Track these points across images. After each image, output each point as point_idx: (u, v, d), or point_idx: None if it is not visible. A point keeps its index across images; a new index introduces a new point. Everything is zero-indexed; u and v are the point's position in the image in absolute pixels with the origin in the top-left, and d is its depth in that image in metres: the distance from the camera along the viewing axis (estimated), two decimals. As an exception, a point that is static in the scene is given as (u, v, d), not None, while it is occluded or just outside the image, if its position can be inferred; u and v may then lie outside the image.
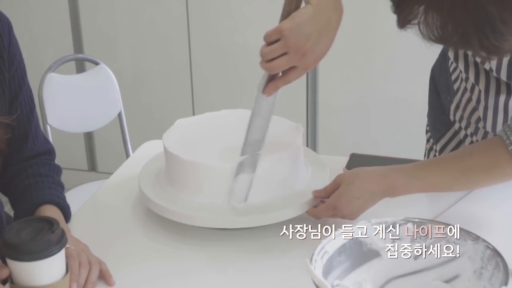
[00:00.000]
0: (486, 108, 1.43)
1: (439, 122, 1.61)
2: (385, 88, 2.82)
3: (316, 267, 1.05)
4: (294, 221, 1.34)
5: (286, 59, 1.20)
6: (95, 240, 1.30)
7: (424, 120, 1.70)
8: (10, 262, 1.09)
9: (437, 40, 0.99)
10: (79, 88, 2.42)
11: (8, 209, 1.46)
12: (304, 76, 1.65)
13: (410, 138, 2.75)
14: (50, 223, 1.12)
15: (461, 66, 1.47)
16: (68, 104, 2.38)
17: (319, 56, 1.21)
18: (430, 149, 1.65)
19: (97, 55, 2.62)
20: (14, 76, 1.39)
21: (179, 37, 3.02)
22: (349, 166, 1.57)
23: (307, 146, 2.96)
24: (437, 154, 1.61)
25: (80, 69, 3.06)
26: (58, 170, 1.47)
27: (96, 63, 2.46)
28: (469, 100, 1.48)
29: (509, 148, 1.23)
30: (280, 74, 1.24)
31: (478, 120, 1.47)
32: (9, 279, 1.11)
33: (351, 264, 1.13)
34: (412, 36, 1.01)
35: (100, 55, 2.75)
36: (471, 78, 1.43)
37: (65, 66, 2.45)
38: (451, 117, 1.56)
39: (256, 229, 1.34)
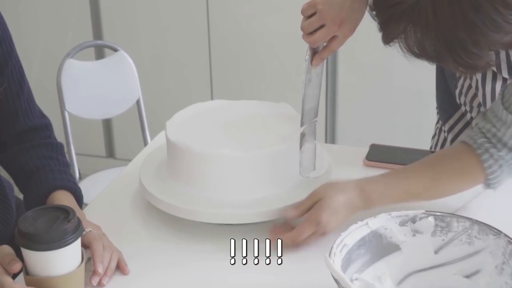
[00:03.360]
0: (484, 95, 1.43)
1: (446, 103, 1.61)
2: (406, 78, 2.79)
3: (335, 261, 1.04)
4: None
5: (325, 31, 1.26)
6: (109, 229, 1.29)
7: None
8: (25, 251, 1.08)
9: (416, 56, 1.05)
10: (97, 75, 2.42)
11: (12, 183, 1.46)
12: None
13: (431, 129, 2.72)
14: (66, 212, 1.11)
15: None
16: (86, 90, 2.38)
17: (356, 22, 1.27)
18: (440, 129, 1.65)
19: (116, 42, 2.61)
20: None
21: (198, 24, 3.01)
22: (369, 157, 1.55)
23: (325, 136, 2.95)
24: (445, 134, 1.61)
25: (99, 55, 3.06)
26: (61, 148, 1.44)
27: (115, 50, 2.46)
28: (470, 86, 1.49)
29: (477, 152, 1.22)
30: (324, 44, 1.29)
31: (480, 105, 1.48)
32: (23, 270, 1.10)
33: (371, 258, 1.12)
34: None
35: (119, 41, 2.75)
36: None
37: (84, 52, 2.45)
38: (457, 101, 1.56)
39: (266, 223, 1.30)
